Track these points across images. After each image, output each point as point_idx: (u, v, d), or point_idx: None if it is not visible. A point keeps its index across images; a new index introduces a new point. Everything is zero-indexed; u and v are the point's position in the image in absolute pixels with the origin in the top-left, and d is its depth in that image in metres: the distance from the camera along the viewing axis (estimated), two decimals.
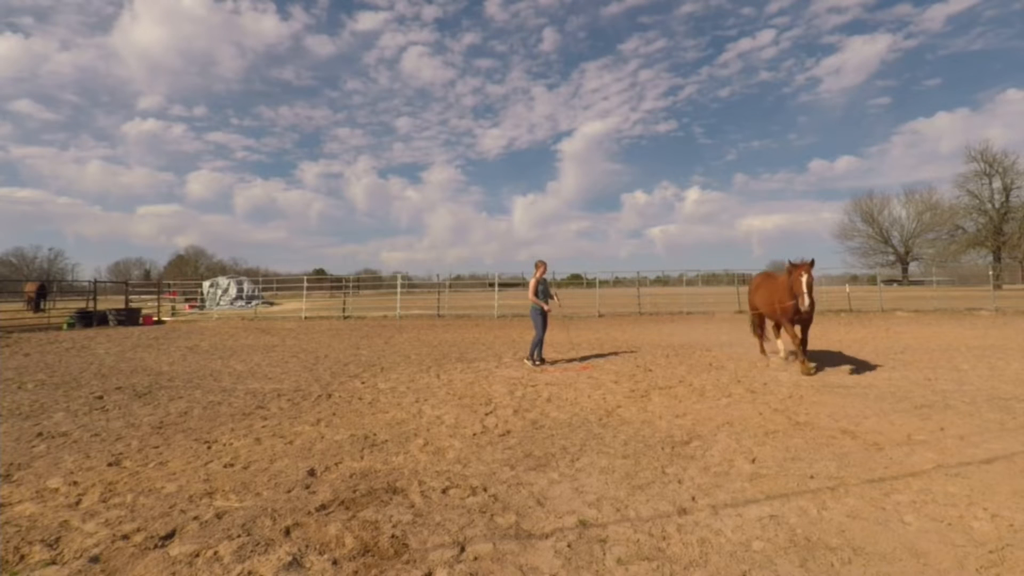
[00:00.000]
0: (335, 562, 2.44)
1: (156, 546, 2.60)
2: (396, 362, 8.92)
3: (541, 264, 8.51)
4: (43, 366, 8.75)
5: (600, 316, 19.88)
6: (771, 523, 2.79)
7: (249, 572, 2.36)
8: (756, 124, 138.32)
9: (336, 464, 3.81)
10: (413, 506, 3.07)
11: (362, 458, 3.95)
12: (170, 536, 2.71)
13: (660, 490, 3.27)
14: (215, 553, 2.52)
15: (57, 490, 3.37)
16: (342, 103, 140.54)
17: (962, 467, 3.55)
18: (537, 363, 8.20)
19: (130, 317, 18.03)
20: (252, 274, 60.00)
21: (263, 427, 4.86)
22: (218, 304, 28.12)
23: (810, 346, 8.10)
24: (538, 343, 8.27)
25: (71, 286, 47.08)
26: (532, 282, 8.47)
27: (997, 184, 48.52)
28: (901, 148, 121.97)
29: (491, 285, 25.04)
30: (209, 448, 4.24)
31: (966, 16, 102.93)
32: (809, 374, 7.09)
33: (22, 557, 2.51)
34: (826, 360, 8.24)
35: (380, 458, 3.95)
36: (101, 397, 6.27)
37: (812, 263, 7.16)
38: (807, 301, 6.85)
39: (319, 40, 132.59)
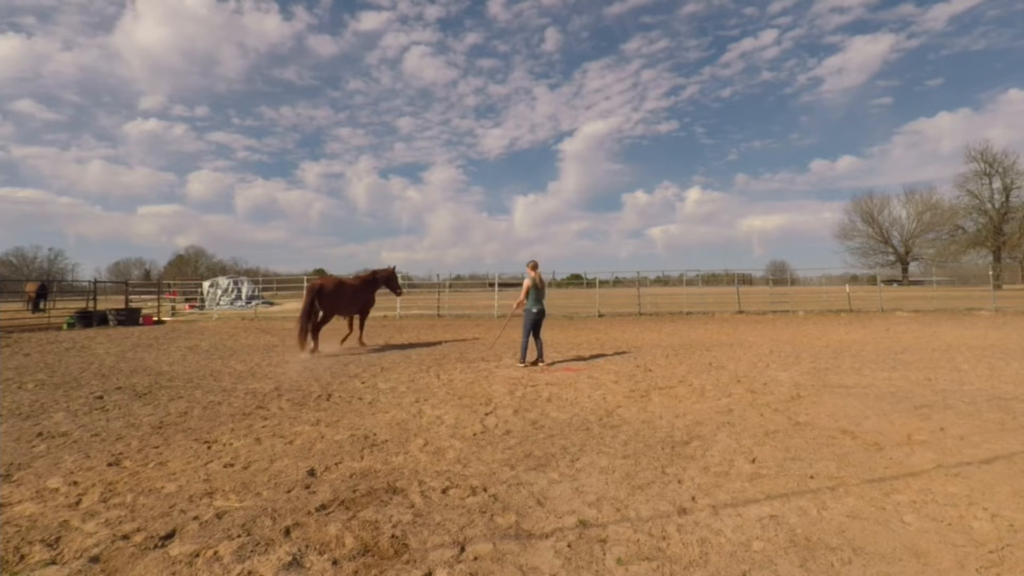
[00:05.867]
0: (335, 562, 2.44)
1: (156, 546, 2.60)
2: (396, 362, 8.92)
3: (533, 265, 8.46)
4: (43, 366, 8.75)
5: (600, 316, 19.88)
6: (771, 523, 2.79)
7: (249, 572, 2.35)
8: (758, 124, 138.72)
9: (336, 464, 3.81)
10: (413, 506, 3.07)
11: (362, 458, 3.95)
12: (170, 536, 2.71)
13: (660, 490, 3.27)
14: (215, 553, 2.52)
15: (57, 490, 3.37)
16: (344, 103, 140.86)
17: (962, 467, 3.55)
18: (521, 365, 8.21)
19: (130, 317, 18.02)
20: (252, 274, 59.95)
21: (263, 427, 4.86)
22: (218, 304, 28.11)
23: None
24: (523, 346, 8.33)
25: (71, 286, 47.09)
26: (527, 284, 8.44)
27: (997, 184, 48.54)
28: (902, 148, 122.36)
29: (491, 285, 25.03)
30: (209, 448, 4.24)
31: (968, 16, 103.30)
32: None
33: (22, 557, 2.51)
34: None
35: (380, 458, 3.94)
36: (101, 397, 6.26)
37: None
38: None
39: (321, 40, 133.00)
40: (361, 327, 11.38)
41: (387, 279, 11.78)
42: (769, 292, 27.77)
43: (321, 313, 10.05)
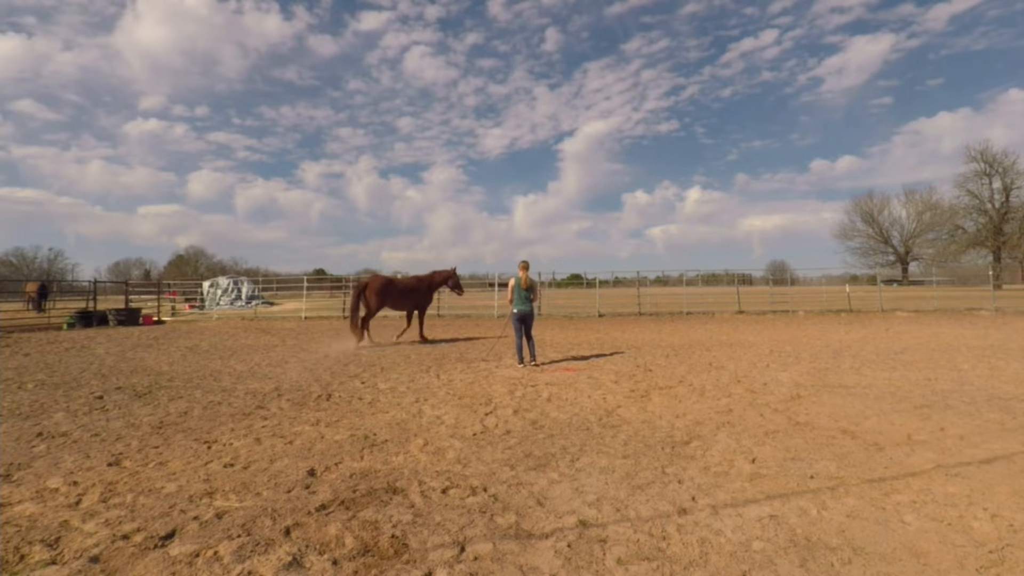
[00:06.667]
0: (335, 562, 2.44)
1: (156, 546, 2.60)
2: (396, 362, 8.92)
3: (522, 265, 8.41)
4: (43, 366, 8.75)
5: (600, 316, 19.88)
6: (771, 523, 2.79)
7: (249, 572, 2.36)
8: (758, 124, 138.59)
9: (336, 464, 3.81)
10: (413, 506, 3.07)
11: (362, 458, 3.95)
12: (170, 536, 2.71)
13: (660, 490, 3.27)
14: (215, 553, 2.52)
15: (57, 490, 3.37)
16: (344, 103, 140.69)
17: (962, 467, 3.55)
18: (520, 365, 8.21)
19: (130, 317, 18.02)
20: (252, 274, 59.98)
21: (263, 427, 4.86)
22: (218, 304, 28.12)
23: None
24: (517, 347, 8.31)
25: (71, 286, 47.06)
26: (511, 283, 8.40)
27: (997, 184, 48.61)
28: (902, 148, 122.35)
29: (491, 285, 25.02)
30: (209, 448, 4.24)
31: (969, 16, 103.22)
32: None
33: (22, 557, 2.51)
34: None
35: (380, 458, 3.94)
36: (101, 397, 6.27)
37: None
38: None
39: (322, 40, 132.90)
40: (420, 323, 12.27)
41: (445, 280, 12.24)
42: (769, 292, 27.77)
43: (364, 308, 11.36)
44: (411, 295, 11.89)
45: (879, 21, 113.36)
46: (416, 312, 12.17)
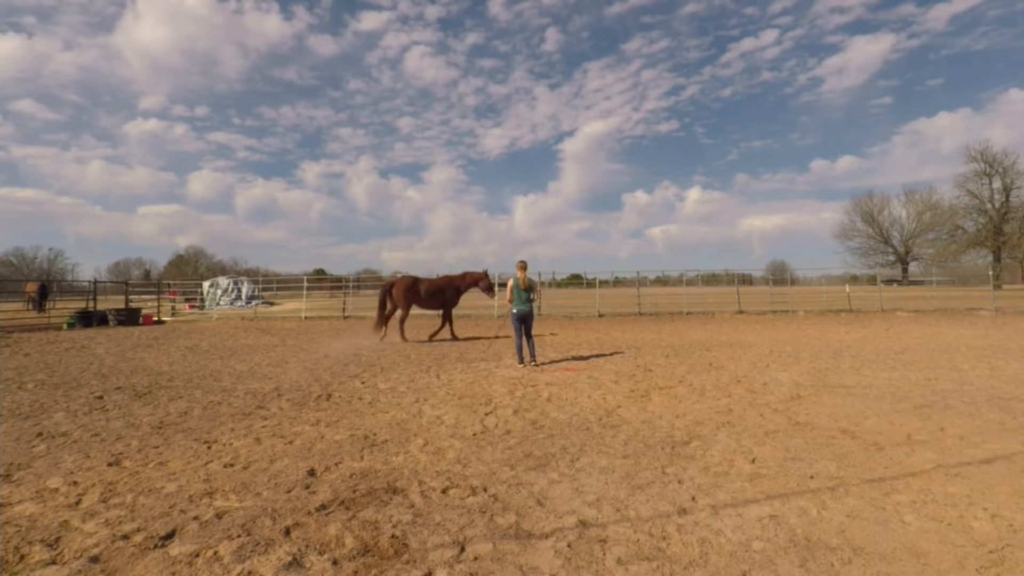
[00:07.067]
0: (335, 562, 2.44)
1: (156, 546, 2.60)
2: (396, 362, 8.92)
3: (520, 265, 8.43)
4: (43, 366, 8.75)
5: (600, 316, 19.88)
6: (771, 523, 2.79)
7: (249, 572, 2.36)
8: (758, 124, 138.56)
9: (336, 464, 3.81)
10: (413, 506, 3.07)
11: (362, 458, 3.95)
12: (170, 536, 2.71)
13: (660, 490, 3.27)
14: (215, 553, 2.52)
15: (57, 490, 3.37)
16: (344, 103, 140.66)
17: (962, 467, 3.55)
18: (520, 365, 8.20)
19: (130, 317, 18.02)
20: (252, 274, 60.00)
21: (263, 427, 4.86)
22: (218, 304, 28.11)
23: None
24: (517, 347, 8.31)
25: (71, 286, 47.06)
26: (509, 283, 8.41)
27: (997, 184, 48.65)
28: (902, 148, 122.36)
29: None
30: (209, 448, 4.24)
31: (969, 16, 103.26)
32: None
33: (22, 557, 2.51)
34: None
35: (380, 458, 3.94)
36: (101, 397, 6.26)
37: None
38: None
39: (322, 40, 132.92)
40: (444, 323, 12.49)
41: (476, 282, 12.37)
42: (769, 292, 27.76)
43: (390, 306, 11.87)
44: (438, 295, 11.93)
45: (879, 21, 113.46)
46: (442, 312, 12.35)
